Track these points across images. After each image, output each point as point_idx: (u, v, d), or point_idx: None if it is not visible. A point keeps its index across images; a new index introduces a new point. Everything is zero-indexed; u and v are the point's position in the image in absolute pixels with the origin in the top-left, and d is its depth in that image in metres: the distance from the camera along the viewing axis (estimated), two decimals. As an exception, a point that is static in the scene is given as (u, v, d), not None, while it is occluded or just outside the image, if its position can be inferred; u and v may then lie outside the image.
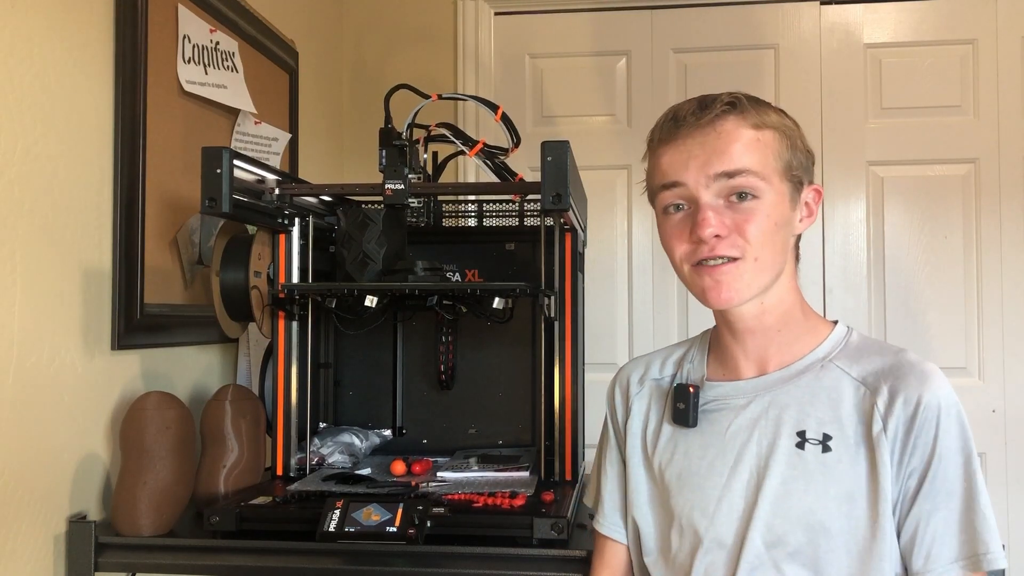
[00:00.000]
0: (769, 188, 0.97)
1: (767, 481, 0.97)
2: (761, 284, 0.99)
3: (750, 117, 0.97)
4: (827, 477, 0.95)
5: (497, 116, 1.49)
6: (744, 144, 0.96)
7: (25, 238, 1.22)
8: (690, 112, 0.98)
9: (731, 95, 0.98)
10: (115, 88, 1.41)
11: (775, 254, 0.99)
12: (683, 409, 1.04)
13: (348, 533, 1.18)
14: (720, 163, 0.95)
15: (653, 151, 1.03)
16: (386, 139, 1.39)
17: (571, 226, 1.45)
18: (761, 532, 0.96)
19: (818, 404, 0.98)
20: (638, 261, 2.46)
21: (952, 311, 2.35)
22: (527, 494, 1.30)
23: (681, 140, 0.98)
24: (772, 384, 1.02)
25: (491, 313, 1.35)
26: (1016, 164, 2.34)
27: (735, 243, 0.96)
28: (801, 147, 1.01)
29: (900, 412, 0.94)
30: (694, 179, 0.96)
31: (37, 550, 1.24)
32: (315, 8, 2.34)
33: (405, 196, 1.38)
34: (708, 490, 1.00)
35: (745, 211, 0.96)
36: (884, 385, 0.96)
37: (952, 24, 2.38)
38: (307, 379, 1.54)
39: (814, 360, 1.01)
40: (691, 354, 1.12)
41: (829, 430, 0.97)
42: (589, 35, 2.51)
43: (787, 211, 1.00)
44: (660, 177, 1.00)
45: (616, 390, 1.16)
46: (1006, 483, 2.30)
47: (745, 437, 1.00)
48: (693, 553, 1.00)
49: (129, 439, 1.29)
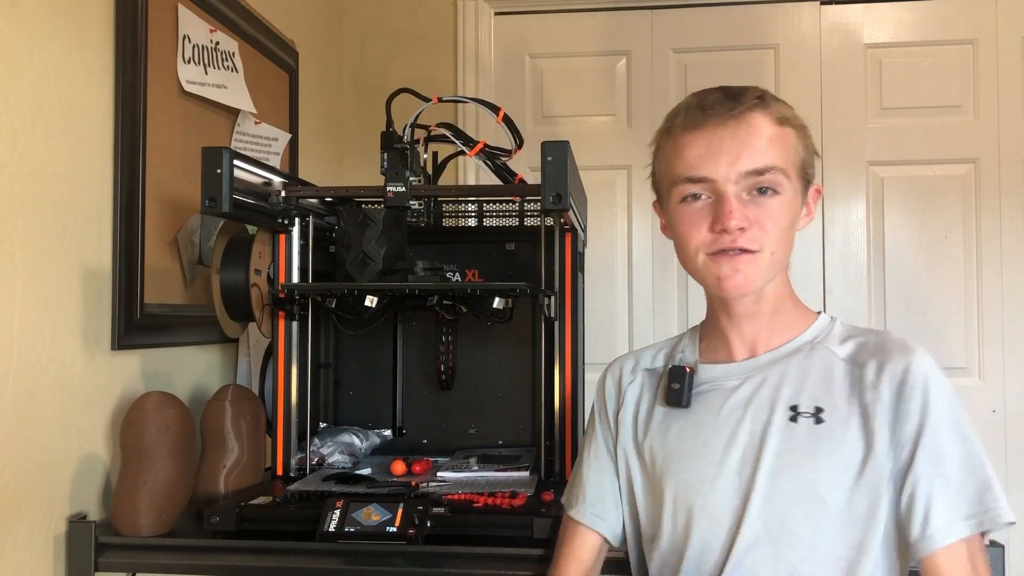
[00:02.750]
0: (789, 185, 0.99)
1: (763, 456, 0.97)
2: (772, 276, 1.01)
3: (774, 112, 0.99)
4: (820, 448, 0.96)
5: (499, 118, 1.49)
6: (770, 140, 0.97)
7: (25, 238, 1.22)
8: (718, 101, 0.98)
9: (759, 89, 1.00)
10: (115, 88, 1.41)
11: (787, 249, 1.01)
12: (678, 389, 1.05)
13: (348, 533, 1.18)
14: (751, 160, 0.96)
15: (674, 137, 1.01)
16: (388, 142, 1.40)
17: (571, 226, 1.45)
18: (759, 506, 0.96)
19: (809, 381, 1.00)
20: (638, 261, 2.46)
21: (952, 311, 2.35)
22: (527, 494, 1.30)
23: (710, 130, 0.98)
24: (764, 365, 1.03)
25: (491, 313, 1.35)
26: (1016, 164, 2.34)
27: (755, 237, 0.97)
28: (812, 147, 1.03)
29: (888, 381, 0.96)
30: (723, 174, 0.97)
31: (37, 550, 1.24)
32: (315, 8, 2.34)
33: (406, 199, 1.39)
34: (701, 469, 1.01)
35: (767, 206, 0.98)
36: (872, 359, 0.98)
37: (952, 24, 2.38)
38: (307, 379, 1.54)
39: (803, 342, 1.04)
40: (682, 344, 1.12)
41: (821, 403, 0.98)
42: (589, 35, 2.51)
43: (799, 208, 1.02)
44: (684, 168, 0.99)
45: (608, 381, 1.15)
46: (1006, 483, 2.28)
47: (739, 416, 1.01)
48: (687, 532, 1.00)
49: (129, 439, 1.29)
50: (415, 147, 1.43)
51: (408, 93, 1.47)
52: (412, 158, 1.41)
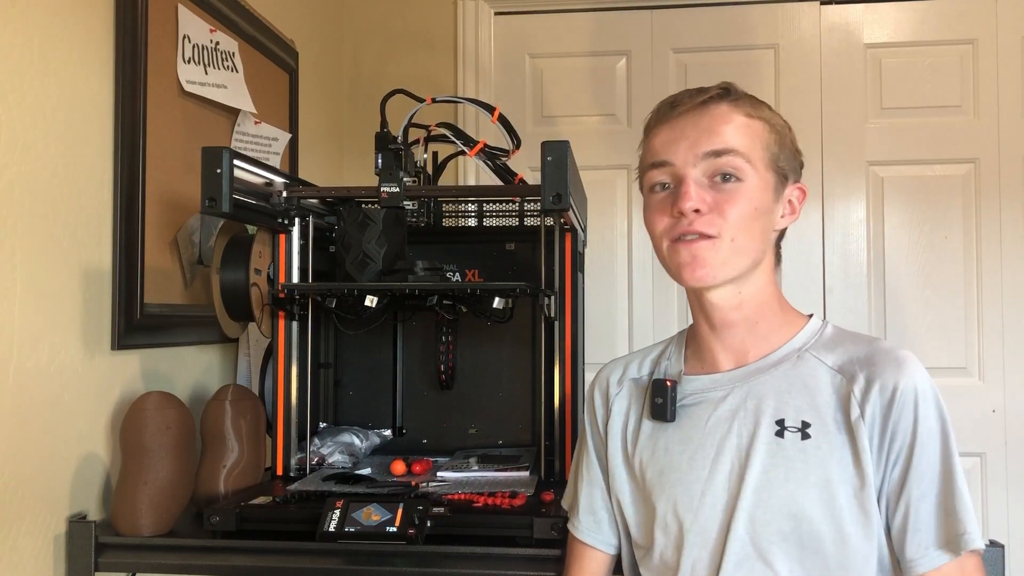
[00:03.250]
0: (754, 173, 0.98)
1: (748, 472, 0.97)
2: (737, 267, 0.99)
3: (743, 106, 1.00)
4: (807, 464, 0.95)
5: (494, 118, 1.49)
6: (735, 127, 0.98)
7: (25, 238, 1.22)
8: (687, 96, 1.01)
9: (727, 83, 1.02)
10: (115, 88, 1.41)
11: (752, 239, 0.99)
12: (661, 404, 1.04)
13: (348, 533, 1.18)
14: (709, 142, 0.97)
15: (647, 134, 1.04)
16: (382, 143, 1.41)
17: (571, 226, 1.45)
18: (744, 523, 0.96)
19: (795, 393, 0.99)
20: (638, 261, 2.46)
21: (952, 311, 2.35)
22: (527, 494, 1.30)
23: (675, 120, 1.00)
24: (749, 375, 1.02)
25: (491, 313, 1.35)
26: (1016, 164, 2.34)
27: (713, 222, 0.97)
28: (790, 146, 1.03)
29: (877, 398, 0.95)
30: (682, 158, 0.98)
31: (37, 550, 1.24)
32: (315, 8, 2.34)
33: (400, 199, 1.41)
34: (690, 484, 1.00)
35: (728, 192, 0.97)
36: (860, 373, 0.97)
37: (952, 24, 2.38)
38: (307, 379, 1.54)
39: (790, 351, 1.02)
40: (668, 351, 1.12)
41: (807, 417, 0.97)
42: (589, 35, 2.51)
43: (769, 200, 1.01)
44: (650, 156, 1.02)
45: (596, 392, 1.15)
46: (1006, 483, 2.30)
47: (725, 429, 1.00)
48: (679, 548, 1.00)
49: (129, 439, 1.29)
50: (409, 148, 1.44)
51: (403, 94, 1.47)
52: (407, 158, 1.42)
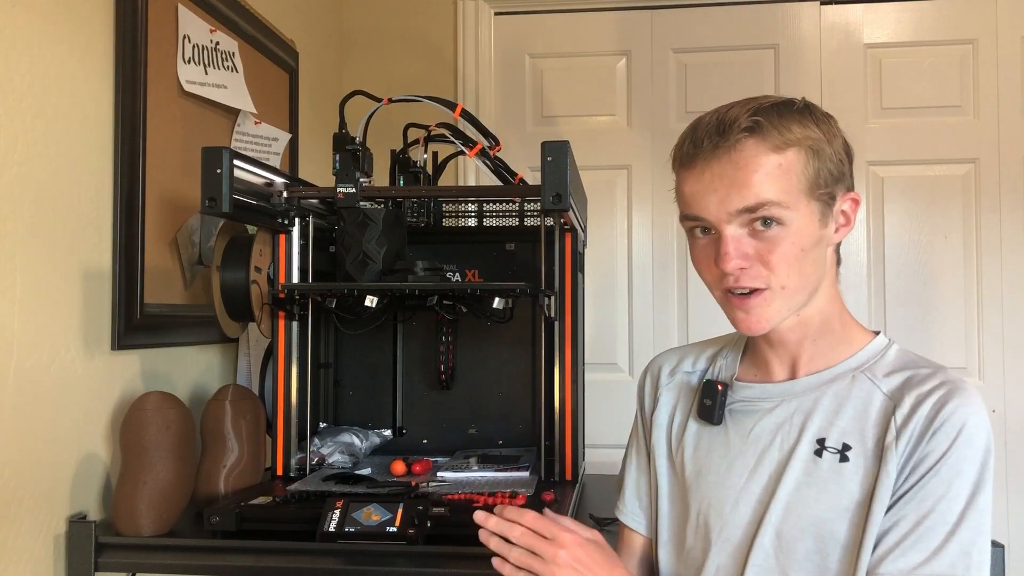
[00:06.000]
0: (795, 214, 0.92)
1: (781, 487, 0.96)
2: (792, 307, 0.97)
3: (770, 139, 0.92)
4: (840, 487, 0.94)
5: (456, 113, 1.49)
6: (765, 173, 0.91)
7: (25, 238, 1.22)
8: (707, 135, 0.93)
9: (751, 115, 0.92)
10: (115, 88, 1.41)
11: (804, 278, 0.95)
12: (709, 406, 1.04)
13: (348, 533, 1.18)
14: (741, 198, 0.91)
15: (676, 170, 0.99)
16: (339, 144, 1.43)
17: (571, 226, 1.45)
18: (770, 537, 0.96)
19: (843, 414, 0.97)
20: (638, 261, 2.46)
21: (952, 311, 2.35)
22: (527, 494, 1.30)
23: (699, 169, 0.94)
24: (801, 390, 1.00)
25: (491, 313, 1.35)
26: (1016, 164, 2.34)
27: (759, 274, 0.93)
28: (832, 156, 0.95)
29: (917, 425, 0.91)
30: (715, 215, 0.93)
31: (37, 550, 1.24)
32: (315, 8, 2.34)
33: (356, 199, 1.43)
34: (726, 490, 1.00)
35: (769, 240, 0.92)
36: (908, 397, 0.93)
37: (952, 24, 2.38)
38: (307, 379, 1.54)
39: (846, 370, 0.99)
40: (725, 351, 1.11)
41: (850, 440, 0.95)
42: (589, 35, 2.51)
43: (816, 231, 0.94)
44: (683, 206, 0.98)
45: (647, 379, 1.16)
46: (1006, 483, 2.30)
47: (767, 441, 0.99)
48: (706, 551, 1.00)
49: (129, 439, 1.29)
50: (367, 148, 1.45)
51: (361, 95, 1.48)
52: (364, 159, 1.44)
